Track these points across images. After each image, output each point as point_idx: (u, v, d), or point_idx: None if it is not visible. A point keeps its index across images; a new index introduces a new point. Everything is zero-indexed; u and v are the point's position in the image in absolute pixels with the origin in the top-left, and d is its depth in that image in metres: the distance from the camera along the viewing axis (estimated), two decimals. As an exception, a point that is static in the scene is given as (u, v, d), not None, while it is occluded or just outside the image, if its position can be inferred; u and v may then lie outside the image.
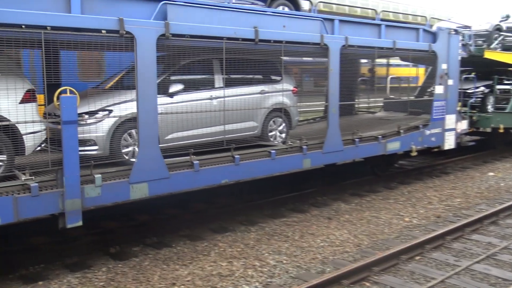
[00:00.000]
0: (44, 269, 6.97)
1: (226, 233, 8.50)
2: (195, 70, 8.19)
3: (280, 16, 8.43)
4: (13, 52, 6.41)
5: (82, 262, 7.20)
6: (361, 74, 13.17)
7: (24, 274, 6.79)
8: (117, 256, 7.45)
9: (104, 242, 7.84)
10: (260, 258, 7.32)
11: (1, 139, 6.11)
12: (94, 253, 7.50)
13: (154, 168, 6.93)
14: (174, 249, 7.74)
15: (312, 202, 10.54)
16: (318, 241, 8.10)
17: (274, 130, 9.31)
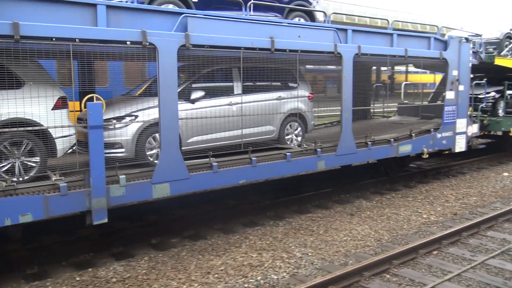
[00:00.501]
0: (93, 257, 7.15)
1: (256, 227, 8.54)
2: (215, 77, 8.10)
3: (295, 27, 8.27)
4: (47, 62, 6.40)
5: (127, 252, 7.35)
6: (375, 80, 12.86)
7: (76, 262, 6.98)
8: (157, 247, 7.57)
9: (147, 234, 7.99)
10: (287, 250, 7.33)
11: (35, 142, 6.16)
12: (137, 244, 7.64)
13: (175, 170, 6.86)
14: (209, 241, 7.83)
15: (336, 199, 10.50)
16: (341, 235, 8.07)
17: (290, 133, 9.15)
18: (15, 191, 5.71)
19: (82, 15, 5.98)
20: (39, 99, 6.14)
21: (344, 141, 9.18)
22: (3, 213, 5.46)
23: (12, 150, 5.97)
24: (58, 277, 6.45)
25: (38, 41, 5.60)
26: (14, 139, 5.96)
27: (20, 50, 5.52)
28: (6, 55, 5.53)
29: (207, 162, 7.35)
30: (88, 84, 6.86)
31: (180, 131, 7.44)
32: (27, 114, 6.08)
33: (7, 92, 5.91)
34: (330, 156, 9.02)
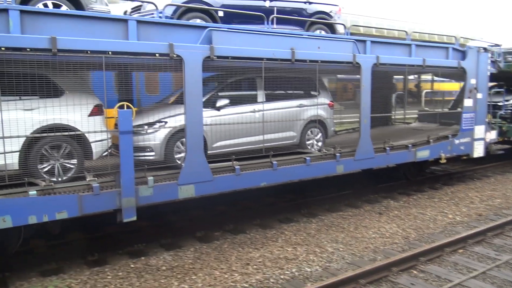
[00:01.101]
0: (145, 247, 7.28)
1: (291, 223, 8.48)
2: (240, 86, 7.95)
3: (315, 39, 8.01)
4: (84, 73, 6.43)
5: (175, 243, 7.45)
6: (395, 88, 12.37)
7: (130, 251, 7.12)
8: (202, 239, 7.65)
9: (192, 227, 8.09)
10: (320, 246, 7.26)
11: (73, 146, 6.18)
12: (184, 236, 7.72)
13: (200, 172, 6.74)
14: (248, 235, 7.82)
15: (365, 199, 10.31)
16: (370, 232, 7.93)
17: (311, 139, 8.88)
18: (53, 190, 5.73)
19: (115, 29, 5.96)
20: (77, 107, 6.16)
21: (362, 146, 8.83)
22: (42, 210, 5.48)
23: (53, 153, 6.02)
24: (115, 264, 6.60)
25: (74, 54, 5.60)
26: (54, 143, 6.01)
27: (57, 62, 5.53)
28: (44, 67, 5.56)
29: (230, 165, 7.19)
30: (126, 93, 6.90)
31: (206, 136, 7.36)
32: (66, 120, 6.11)
33: (48, 100, 5.98)
34: (349, 161, 8.69)
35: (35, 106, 5.93)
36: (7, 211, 5.26)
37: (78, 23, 5.70)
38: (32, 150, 5.83)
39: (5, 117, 5.51)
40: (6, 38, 5.14)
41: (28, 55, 5.30)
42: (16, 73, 5.48)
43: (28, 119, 5.81)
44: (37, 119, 5.90)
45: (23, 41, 5.23)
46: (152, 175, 6.39)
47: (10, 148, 5.67)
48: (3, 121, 5.45)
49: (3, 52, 5.16)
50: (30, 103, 5.88)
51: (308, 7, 8.98)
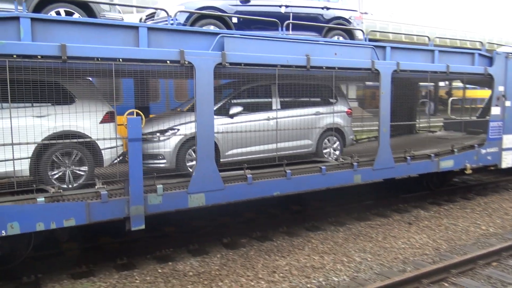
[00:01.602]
0: (173, 252, 7.31)
1: (318, 231, 8.39)
2: (254, 93, 7.81)
3: (332, 45, 7.80)
4: (96, 79, 6.43)
5: (202, 249, 7.45)
6: (420, 95, 11.98)
7: (158, 256, 7.17)
8: (228, 246, 7.63)
9: (219, 233, 8.09)
10: (348, 255, 7.15)
11: (83, 153, 6.18)
12: (210, 242, 7.73)
13: (210, 180, 6.61)
14: (275, 242, 7.76)
15: (394, 208, 10.08)
16: (399, 243, 7.75)
17: (328, 147, 8.64)
18: (62, 197, 5.72)
19: (125, 36, 5.93)
20: (89, 113, 6.15)
21: (381, 156, 8.52)
22: (49, 217, 5.47)
23: (63, 159, 6.02)
24: (143, 268, 6.66)
25: (84, 61, 5.60)
26: (64, 149, 6.01)
27: (67, 69, 5.54)
28: (54, 73, 5.57)
29: (242, 174, 7.05)
30: (141, 100, 6.87)
31: (218, 144, 7.26)
32: (77, 127, 6.12)
33: (60, 107, 6.01)
34: (367, 170, 8.40)
35: (46, 113, 5.96)
36: (15, 217, 5.27)
37: (89, 31, 5.70)
38: (43, 157, 5.86)
39: (17, 123, 5.55)
40: (17, 45, 5.17)
41: (39, 62, 5.32)
42: (29, 80, 5.53)
43: (40, 126, 5.84)
44: (49, 126, 5.93)
45: (33, 49, 5.25)
46: (161, 183, 6.31)
47: (21, 155, 5.71)
48: (14, 128, 5.50)
49: (14, 60, 5.19)
50: (42, 110, 5.92)
51: (326, 12, 8.78)
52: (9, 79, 5.28)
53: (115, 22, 6.00)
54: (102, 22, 5.83)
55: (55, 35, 5.47)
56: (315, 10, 8.64)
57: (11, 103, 5.58)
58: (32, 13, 5.53)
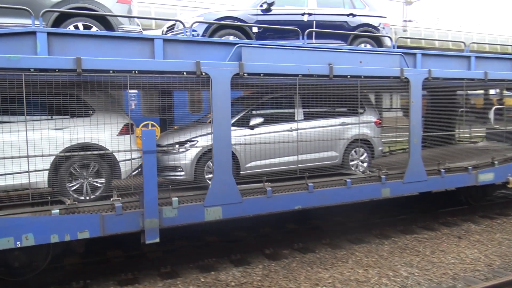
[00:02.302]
0: (215, 262, 7.29)
1: (362, 244, 8.16)
2: (275, 104, 7.60)
3: (356, 53, 7.48)
4: (114, 92, 6.45)
5: (244, 259, 7.39)
6: (457, 104, 11.34)
7: (200, 265, 7.16)
8: (271, 256, 7.53)
9: (261, 244, 8.03)
10: (393, 269, 6.88)
11: (101, 165, 6.19)
12: (252, 253, 7.66)
13: (228, 193, 6.44)
14: (317, 254, 7.61)
15: (442, 221, 9.63)
16: (449, 257, 7.36)
17: (355, 159, 8.27)
18: (77, 209, 5.73)
19: (141, 48, 5.91)
20: (107, 125, 6.17)
21: (412, 168, 8.05)
22: (64, 229, 5.47)
23: (81, 171, 6.06)
24: (186, 277, 6.67)
25: (99, 74, 5.62)
26: (82, 161, 6.05)
27: (82, 82, 5.57)
28: (76, 86, 5.62)
29: (261, 187, 6.83)
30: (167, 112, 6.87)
31: (238, 156, 7.10)
32: (95, 139, 6.15)
33: (78, 119, 6.07)
34: (397, 184, 7.95)
35: (65, 125, 6.03)
36: (30, 229, 5.30)
37: (105, 43, 5.72)
38: (61, 169, 5.91)
39: (36, 136, 5.64)
40: (32, 59, 5.25)
41: (54, 76, 5.38)
42: (48, 93, 5.61)
43: (58, 138, 5.91)
44: (67, 138, 5.99)
45: (48, 62, 5.32)
46: (179, 195, 6.21)
47: (40, 166, 5.79)
48: (33, 140, 5.58)
49: (30, 73, 5.27)
50: (60, 122, 6.00)
51: (351, 20, 8.47)
52: (27, 92, 5.40)
53: (130, 34, 6.01)
54: (117, 35, 5.84)
55: (71, 48, 5.52)
56: (340, 18, 8.36)
57: (31, 116, 5.70)
58: (48, 28, 5.62)
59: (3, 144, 5.49)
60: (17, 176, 5.69)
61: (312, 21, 7.98)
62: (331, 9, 8.33)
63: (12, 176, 5.67)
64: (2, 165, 5.57)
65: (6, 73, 5.16)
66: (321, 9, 8.18)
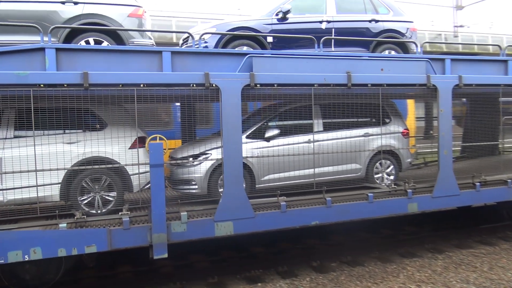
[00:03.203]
0: (262, 273, 7.24)
1: (413, 258, 7.83)
2: (293, 115, 7.33)
3: (377, 60, 7.08)
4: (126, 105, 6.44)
5: (291, 271, 7.30)
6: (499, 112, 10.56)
7: (247, 276, 7.15)
8: (318, 269, 7.41)
9: (307, 256, 7.92)
10: (448, 285, 6.55)
11: (112, 179, 6.18)
12: (299, 265, 7.57)
13: (239, 208, 6.22)
14: (366, 268, 7.41)
15: (501, 235, 9.12)
16: (509, 274, 6.93)
17: (380, 172, 7.83)
18: (85, 223, 5.72)
19: (149, 61, 5.88)
20: (118, 139, 6.18)
21: (442, 181, 7.48)
22: (71, 243, 5.47)
23: (92, 185, 6.07)
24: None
25: (106, 88, 5.63)
26: (93, 175, 6.07)
27: (96, 96, 5.60)
28: (82, 101, 5.66)
29: (275, 201, 6.57)
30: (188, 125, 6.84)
31: (253, 169, 6.90)
32: (106, 153, 6.16)
33: (91, 133, 6.12)
34: (425, 198, 7.41)
35: (77, 139, 6.08)
36: (38, 243, 5.34)
37: (113, 57, 5.73)
38: (72, 182, 5.95)
39: (50, 150, 5.71)
40: (40, 75, 5.33)
41: (61, 91, 5.44)
42: (61, 107, 5.69)
43: (70, 152, 5.97)
44: (79, 152, 6.03)
45: (56, 78, 5.39)
46: (192, 210, 6.08)
47: (53, 180, 5.86)
48: (42, 154, 5.66)
49: (38, 89, 5.36)
50: (72, 136, 6.05)
51: (374, 26, 8.07)
52: (41, 107, 5.51)
53: (137, 47, 6.00)
54: (124, 49, 5.85)
55: (79, 63, 5.56)
56: (361, 24, 7.98)
57: (44, 130, 5.80)
58: (56, 44, 5.72)
59: (12, 158, 5.60)
60: (32, 189, 5.78)
61: (330, 29, 7.68)
62: (351, 16, 7.98)
63: (27, 190, 5.76)
64: (14, 179, 5.67)
65: (15, 89, 5.27)
66: (340, 16, 7.86)
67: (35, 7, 5.96)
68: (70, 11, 6.09)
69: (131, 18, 6.41)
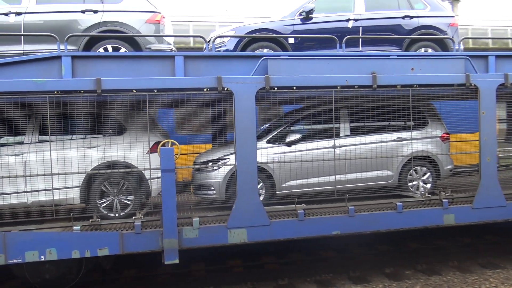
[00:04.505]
0: (332, 278, 7.15)
1: (496, 269, 7.37)
2: (316, 119, 7.01)
3: (407, 59, 6.57)
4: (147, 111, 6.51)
5: (363, 277, 7.14)
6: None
7: (318, 280, 7.10)
8: (391, 276, 7.18)
9: (380, 262, 7.72)
10: None
11: (130, 183, 6.26)
12: (372, 270, 7.39)
13: (253, 215, 6.03)
14: (444, 277, 7.06)
15: None
16: None
17: (415, 180, 7.25)
18: (100, 227, 5.84)
19: (162, 66, 5.89)
20: (135, 144, 6.26)
21: (484, 191, 6.76)
22: (84, 246, 5.60)
23: (111, 189, 6.20)
24: None
25: (119, 93, 5.72)
26: (111, 179, 6.19)
27: (102, 102, 5.71)
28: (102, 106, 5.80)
29: (292, 209, 6.30)
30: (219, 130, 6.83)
31: (274, 175, 6.68)
32: (125, 158, 6.25)
33: (110, 138, 6.25)
34: (464, 209, 6.74)
35: (97, 144, 6.24)
36: (53, 244, 5.52)
37: (127, 63, 5.82)
38: (91, 186, 6.11)
39: (69, 154, 5.92)
40: (57, 82, 5.53)
41: (76, 97, 5.60)
42: (81, 113, 5.88)
43: (90, 156, 6.14)
44: (98, 157, 6.18)
45: (71, 84, 5.56)
46: (198, 216, 6.00)
47: (73, 183, 6.06)
48: (67, 158, 5.87)
49: (54, 95, 5.56)
50: (93, 141, 6.22)
51: (407, 22, 7.49)
52: (63, 113, 5.73)
53: (150, 53, 6.04)
54: (138, 54, 5.90)
55: (94, 70, 5.70)
56: (392, 21, 7.44)
57: (66, 135, 6.04)
58: (72, 52, 5.89)
59: (28, 162, 5.86)
60: (54, 192, 6.02)
61: (358, 27, 7.24)
62: (382, 12, 7.47)
63: (50, 193, 6.01)
64: (38, 182, 5.93)
65: (33, 96, 5.51)
66: (369, 13, 7.39)
67: (58, 17, 6.22)
68: (89, 20, 6.29)
69: (148, 24, 6.48)
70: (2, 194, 5.90)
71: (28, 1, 6.24)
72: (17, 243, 5.45)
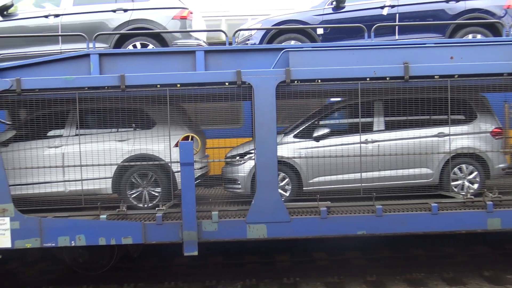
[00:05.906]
0: (424, 277, 7.00)
1: None
2: (345, 113, 6.69)
3: (446, 47, 5.98)
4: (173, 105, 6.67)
5: (457, 278, 6.92)
6: None
7: (408, 278, 6.98)
8: (491, 280, 6.85)
9: (477, 264, 7.41)
10: None
11: (158, 175, 6.47)
12: (468, 272, 7.12)
13: (273, 211, 5.92)
14: None
15: None
16: None
17: (460, 179, 6.63)
18: (126, 216, 6.11)
19: (184, 61, 5.98)
20: (164, 137, 6.44)
21: (538, 194, 6.01)
22: (110, 234, 5.90)
23: (140, 180, 6.46)
24: None
25: (142, 89, 5.91)
26: (140, 171, 6.44)
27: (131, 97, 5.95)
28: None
29: (315, 206, 6.09)
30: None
31: (301, 171, 6.51)
32: (152, 151, 6.46)
33: (141, 132, 6.50)
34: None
35: (127, 137, 6.52)
36: (82, 231, 5.88)
37: (150, 59, 5.99)
38: (122, 177, 6.42)
39: (102, 147, 6.28)
40: (84, 79, 5.86)
41: (103, 93, 5.90)
42: (114, 108, 6.19)
43: (121, 149, 6.44)
44: (128, 150, 6.47)
45: (97, 81, 5.86)
46: (218, 210, 6.03)
47: (106, 174, 6.41)
48: (102, 151, 6.24)
49: (83, 92, 5.91)
50: (123, 134, 6.51)
51: (452, 6, 6.77)
52: (96, 108, 6.09)
53: (172, 48, 6.14)
54: (160, 50, 6.04)
55: (120, 66, 5.95)
56: (433, 6, 6.79)
57: (98, 129, 6.41)
58: (99, 50, 6.18)
59: (59, 154, 6.30)
60: (89, 182, 6.42)
61: (394, 14, 6.73)
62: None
63: (85, 182, 6.42)
64: (75, 172, 6.36)
65: (64, 92, 5.90)
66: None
67: (91, 17, 6.58)
68: (119, 18, 6.56)
69: (175, 20, 6.60)
70: (43, 182, 6.41)
71: (66, 3, 6.68)
72: (51, 229, 5.89)
